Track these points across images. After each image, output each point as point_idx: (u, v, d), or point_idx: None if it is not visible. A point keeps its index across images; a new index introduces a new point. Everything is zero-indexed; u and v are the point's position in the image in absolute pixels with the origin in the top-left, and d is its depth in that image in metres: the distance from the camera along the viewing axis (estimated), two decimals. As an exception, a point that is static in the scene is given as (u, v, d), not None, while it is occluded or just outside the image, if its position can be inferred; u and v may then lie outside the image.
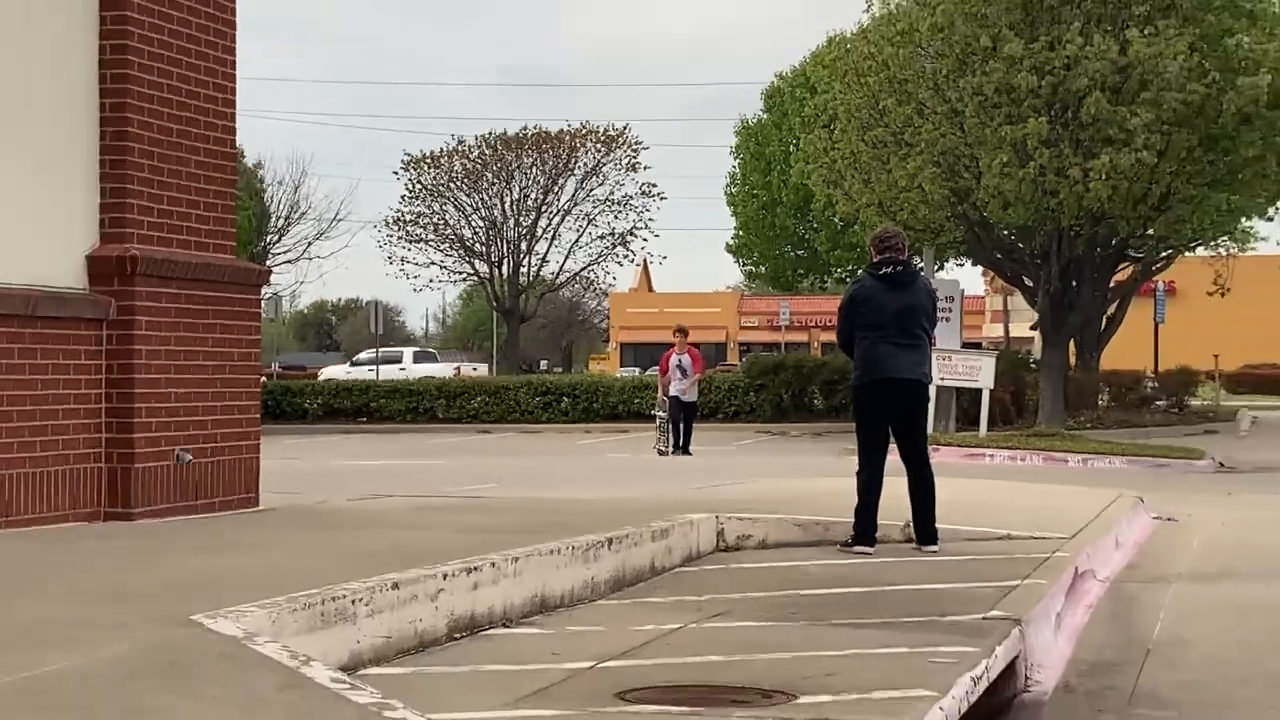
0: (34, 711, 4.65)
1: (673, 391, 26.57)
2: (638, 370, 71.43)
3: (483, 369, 68.47)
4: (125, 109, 10.89)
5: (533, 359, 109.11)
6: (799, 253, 74.87)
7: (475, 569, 8.00)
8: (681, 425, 26.63)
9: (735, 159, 76.37)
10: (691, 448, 26.78)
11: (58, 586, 7.31)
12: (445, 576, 7.71)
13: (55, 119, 10.64)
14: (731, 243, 74.66)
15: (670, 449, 26.48)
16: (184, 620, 6.13)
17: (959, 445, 27.49)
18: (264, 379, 31.27)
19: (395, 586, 7.27)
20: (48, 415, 10.35)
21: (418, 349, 74.42)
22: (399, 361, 58.88)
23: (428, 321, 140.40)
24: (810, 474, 18.90)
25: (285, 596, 6.67)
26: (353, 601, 6.90)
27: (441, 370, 58.65)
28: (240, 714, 4.83)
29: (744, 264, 76.94)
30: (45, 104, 10.59)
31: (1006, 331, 66.76)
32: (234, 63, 11.99)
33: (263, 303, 12.74)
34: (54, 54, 10.66)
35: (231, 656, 5.58)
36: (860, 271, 11.61)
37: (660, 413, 27.67)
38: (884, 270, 11.17)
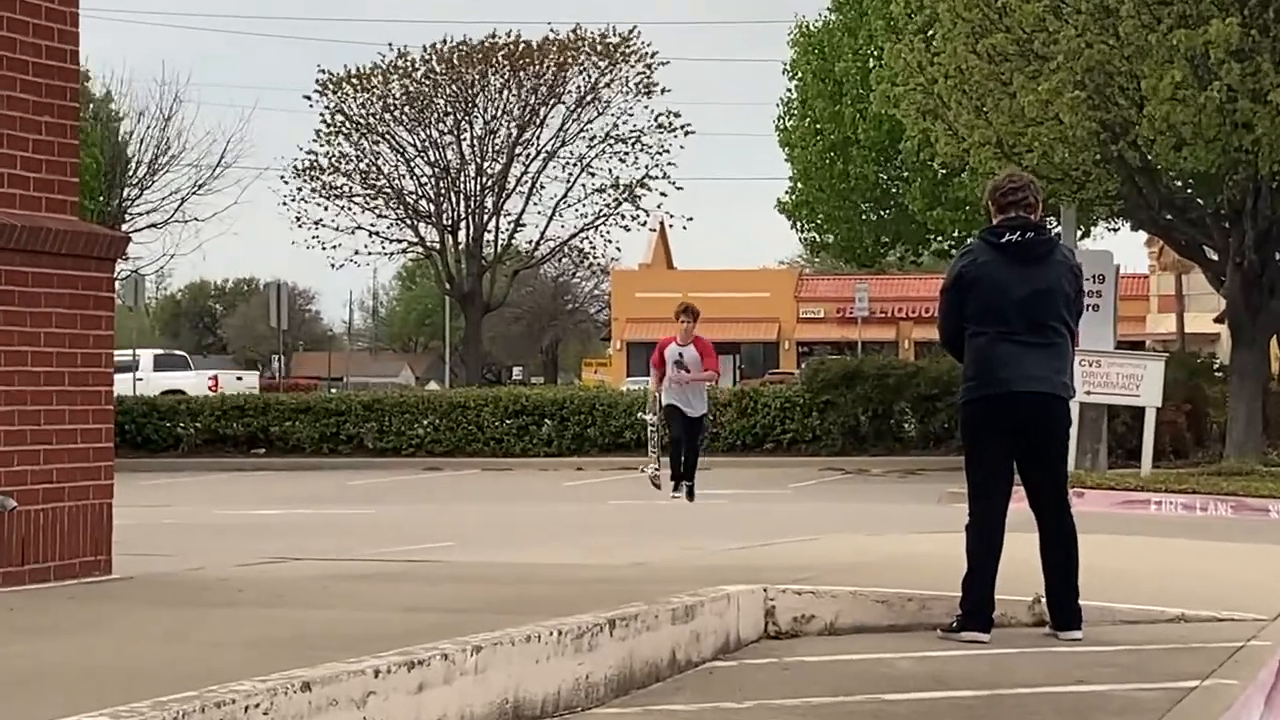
0: None
1: (669, 399, 25.18)
2: (651, 382, 71.42)
3: (250, 378, 67.62)
4: None
5: (501, 365, 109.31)
6: (882, 213, 74.61)
7: (420, 663, 8.01)
8: (684, 449, 25.35)
9: (791, 79, 76.32)
10: (699, 484, 25.72)
11: None
12: (378, 674, 7.72)
13: None
14: (786, 199, 74.24)
15: (663, 478, 25.52)
16: (4, 736, 6.14)
17: (1112, 488, 27.48)
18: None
19: (306, 688, 7.27)
20: None
21: (161, 351, 73.50)
22: (134, 370, 56.66)
23: (351, 310, 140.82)
24: (899, 529, 18.90)
25: (149, 702, 6.68)
26: (245, 709, 6.91)
27: (194, 382, 58.02)
28: None
29: (804, 229, 76.62)
30: None
31: (1180, 325, 66.87)
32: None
33: (117, 284, 12.75)
34: None
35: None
36: (972, 239, 11.48)
37: (649, 415, 26.85)
38: (1007, 237, 11.09)
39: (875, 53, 60.67)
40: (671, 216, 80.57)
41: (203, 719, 6.71)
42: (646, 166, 70.41)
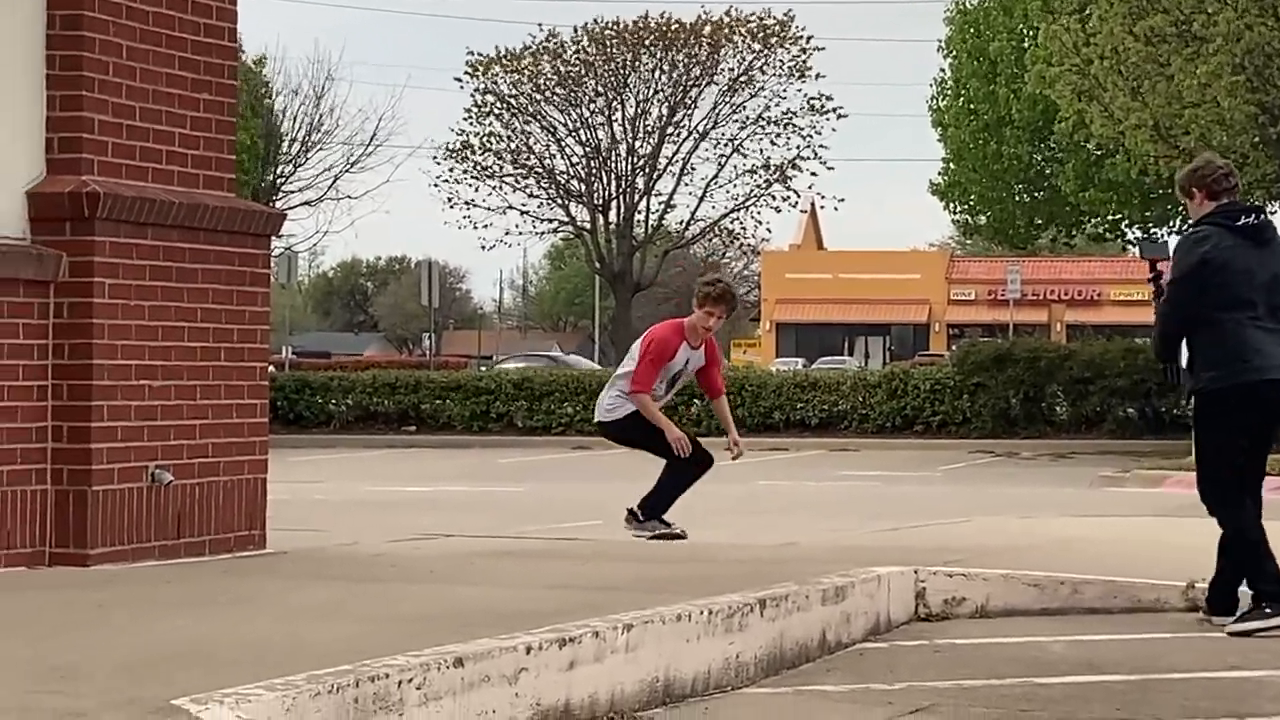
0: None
1: (625, 409, 15.96)
2: (801, 362, 71.36)
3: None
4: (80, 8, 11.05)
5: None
6: (1035, 194, 74.18)
7: (571, 640, 8.03)
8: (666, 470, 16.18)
9: (946, 59, 75.99)
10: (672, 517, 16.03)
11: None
12: (529, 650, 7.75)
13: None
14: (939, 180, 74.00)
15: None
16: (162, 705, 6.21)
17: None
18: (272, 369, 31.43)
19: (458, 663, 7.32)
20: (-30, 417, 10.54)
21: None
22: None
23: (501, 289, 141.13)
24: (1050, 512, 18.80)
25: (304, 675, 6.73)
26: (399, 684, 6.96)
27: None
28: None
29: (956, 210, 76.34)
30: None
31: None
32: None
33: (272, 261, 12.87)
34: None
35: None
36: (1202, 224, 11.14)
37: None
38: (1243, 220, 10.86)
39: (1030, 33, 60.35)
40: (823, 197, 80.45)
41: (357, 693, 6.77)
42: (798, 148, 70.32)
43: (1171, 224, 60.96)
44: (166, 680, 6.71)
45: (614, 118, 68.87)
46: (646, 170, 69.81)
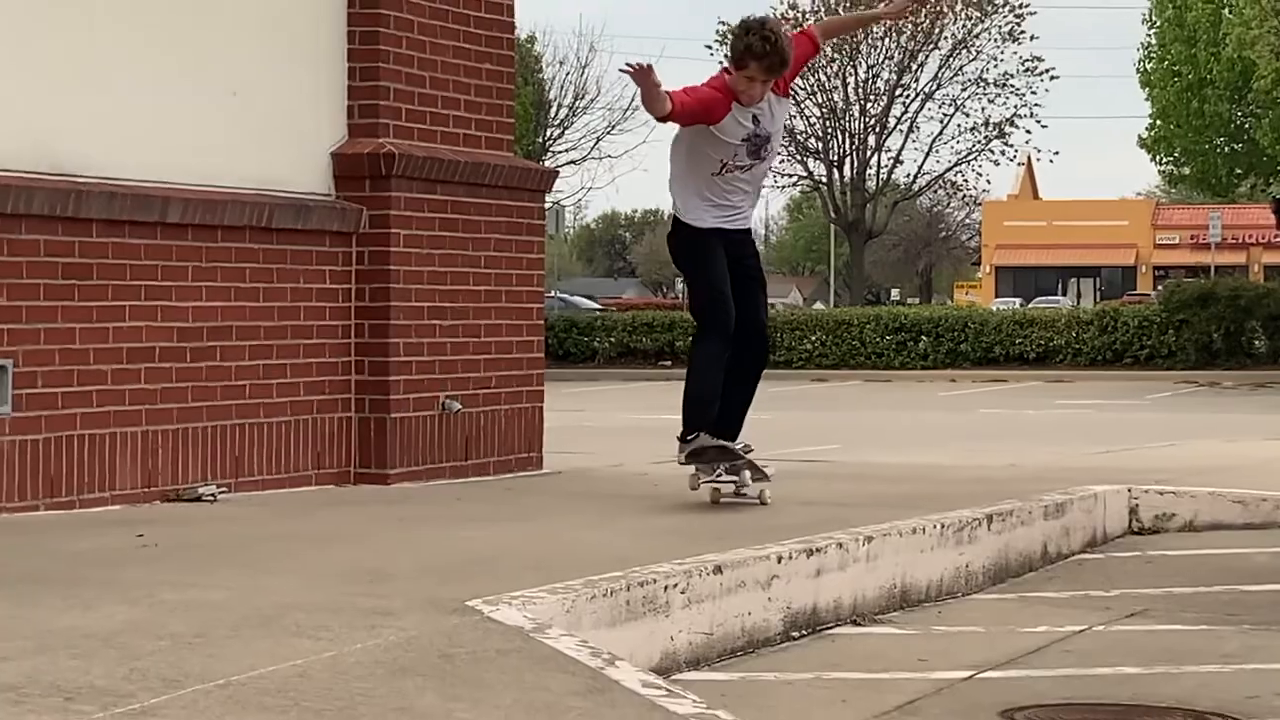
0: (281, 713, 4.85)
1: (708, 218, 9.76)
2: (1018, 302, 70.74)
3: None
4: (377, -26, 11.18)
5: (881, 287, 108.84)
6: (1235, 147, 73.15)
7: (817, 550, 8.07)
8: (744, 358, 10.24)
9: (1150, 29, 75.02)
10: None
11: (302, 564, 7.57)
12: (780, 560, 7.80)
13: (294, -18, 10.97)
14: (1145, 135, 73.23)
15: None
16: (458, 606, 6.31)
17: None
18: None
19: (718, 570, 7.38)
20: (286, 353, 10.72)
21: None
22: None
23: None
24: (1252, 436, 18.56)
25: (581, 580, 6.82)
26: (665, 588, 7.03)
27: None
28: (531, 722, 4.98)
29: (1162, 162, 75.50)
30: (281, -36, 10.92)
31: None
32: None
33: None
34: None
35: (518, 651, 5.73)
36: None
37: None
38: None
39: (1227, 3, 59.43)
40: (1038, 151, 79.72)
41: (628, 596, 6.84)
42: (1015, 107, 69.72)
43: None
44: (460, 584, 6.82)
45: (848, 82, 68.61)
46: (877, 129, 69.53)
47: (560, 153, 63.33)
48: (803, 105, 68.40)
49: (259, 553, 7.94)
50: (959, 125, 70.63)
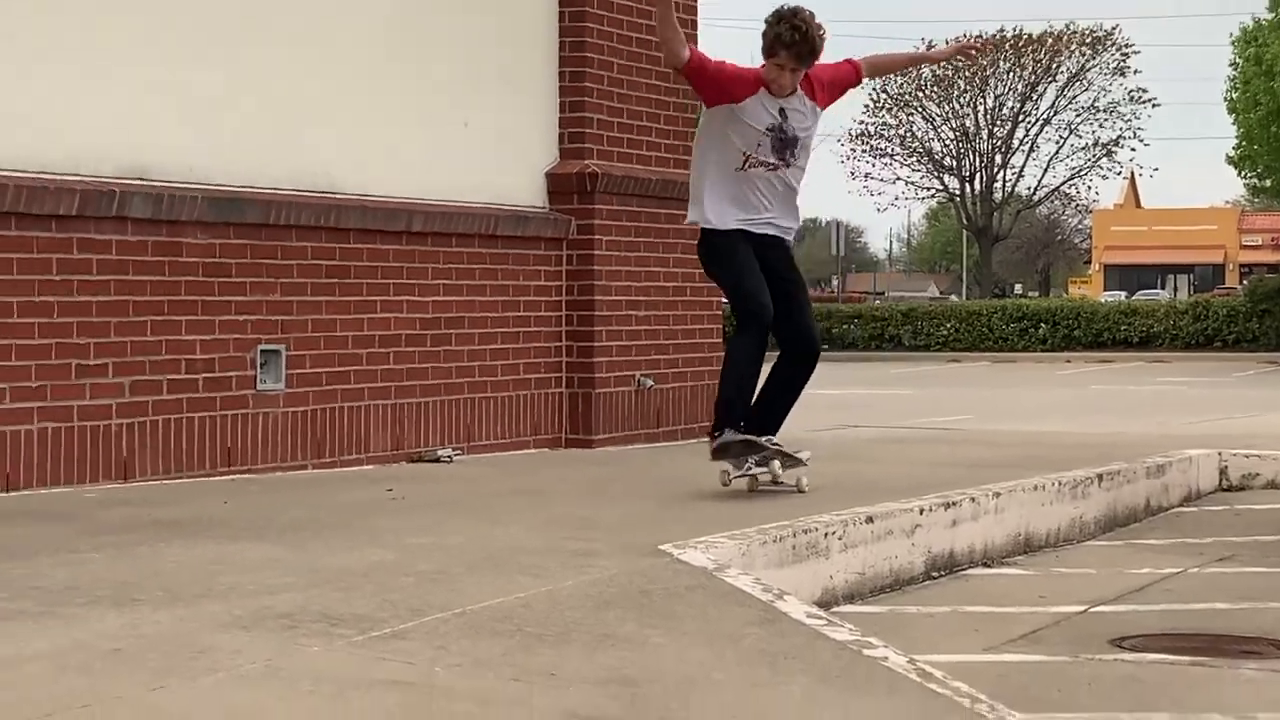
0: (508, 637, 4.90)
1: (733, 218, 8.22)
2: (1123, 294, 69.87)
3: None
4: (584, 18, 11.21)
5: (1006, 282, 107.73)
6: (1310, 164, 71.94)
7: (953, 504, 8.02)
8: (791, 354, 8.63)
9: (1233, 66, 73.88)
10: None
11: (523, 513, 7.63)
12: (922, 511, 7.76)
13: (515, 33, 11.03)
14: (1233, 153, 72.01)
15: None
16: (652, 549, 6.33)
17: None
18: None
19: (869, 520, 7.35)
20: (509, 338, 10.80)
21: None
22: None
23: (891, 243, 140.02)
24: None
25: (755, 528, 6.82)
26: (825, 535, 7.02)
27: None
28: (713, 646, 4.98)
29: (1246, 176, 74.23)
30: (506, 17, 10.98)
31: None
32: (694, -33, 12.21)
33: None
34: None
35: (702, 588, 5.74)
36: None
37: None
38: None
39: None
40: (1140, 168, 78.98)
41: (794, 541, 6.84)
42: (1121, 130, 68.90)
43: None
44: (654, 531, 6.84)
45: (978, 109, 68.13)
46: (1003, 149, 68.95)
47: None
48: (939, 129, 68.04)
49: (488, 505, 8.01)
50: (1072, 146, 70.00)
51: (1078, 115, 69.21)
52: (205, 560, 6.07)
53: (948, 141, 68.76)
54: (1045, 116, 69.01)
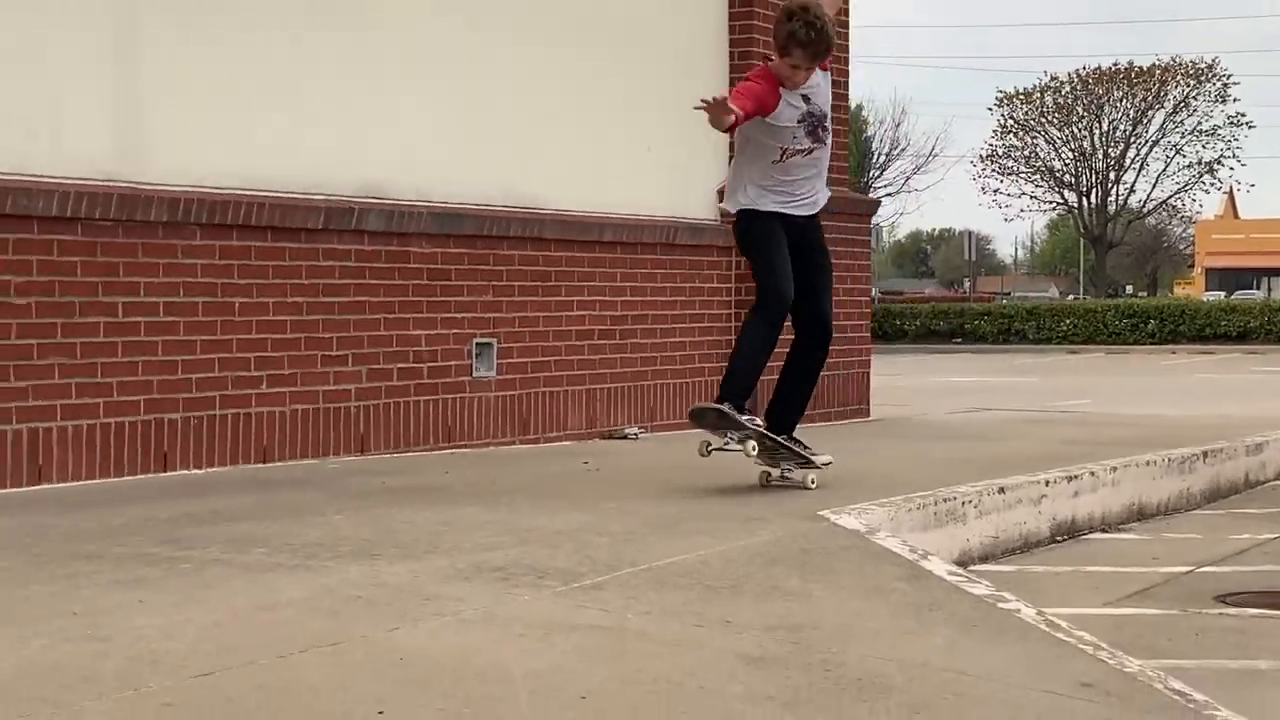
0: (689, 589, 4.91)
1: (769, 202, 7.31)
2: (1223, 294, 68.43)
3: None
4: (750, 56, 11.18)
5: (1118, 284, 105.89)
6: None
7: (1075, 477, 7.92)
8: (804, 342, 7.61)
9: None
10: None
11: (699, 483, 7.64)
12: (1047, 483, 7.67)
13: (690, 70, 11.04)
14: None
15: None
16: (811, 515, 6.31)
17: None
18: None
19: (1001, 491, 7.28)
20: (685, 333, 10.81)
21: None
22: None
23: (1016, 249, 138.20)
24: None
25: (901, 496, 6.78)
26: (963, 503, 6.96)
27: None
28: (867, 599, 4.96)
29: (1335, 189, 72.86)
30: (680, 53, 10.99)
31: None
32: (846, 17, 12.11)
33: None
34: (700, 23, 11.05)
35: (856, 548, 5.72)
36: None
37: None
38: None
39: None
40: (1239, 183, 77.42)
41: (935, 509, 6.79)
42: (1220, 150, 67.62)
43: None
44: (811, 499, 6.82)
45: (1094, 132, 67.08)
46: (1116, 167, 67.85)
47: (879, 188, 62.88)
48: (1059, 150, 67.15)
49: (668, 476, 8.02)
50: (1178, 164, 68.76)
51: (1183, 138, 68.07)
52: (431, 521, 6.16)
53: (1067, 161, 67.79)
54: (1154, 139, 67.86)
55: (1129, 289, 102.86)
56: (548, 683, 3.83)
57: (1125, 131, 67.35)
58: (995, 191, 68.48)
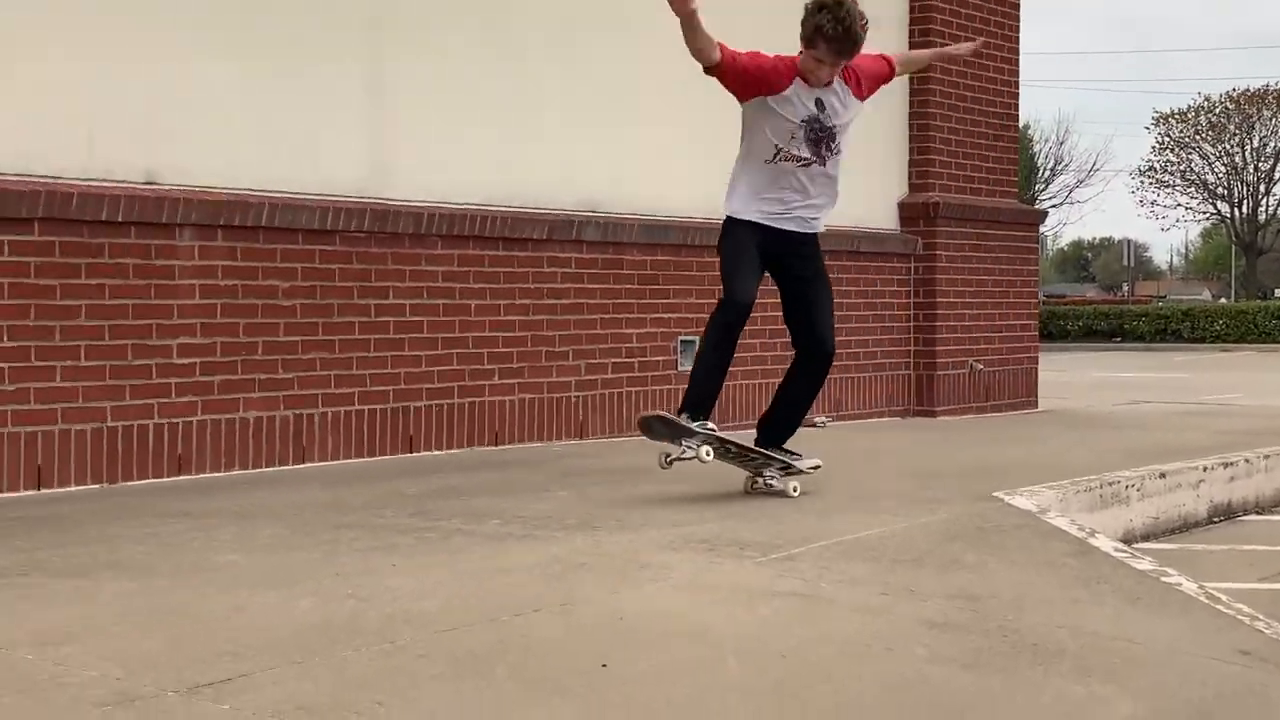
0: (875, 561, 4.88)
1: (754, 212, 6.27)
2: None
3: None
4: (928, 82, 11.06)
5: (1267, 288, 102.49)
6: None
7: (1231, 463, 7.71)
8: (801, 368, 6.59)
9: None
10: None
11: (883, 466, 7.59)
12: (1205, 469, 7.47)
13: (877, 97, 10.93)
14: None
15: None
16: (986, 496, 6.23)
17: None
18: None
19: (1162, 475, 7.11)
20: (869, 331, 10.72)
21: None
22: None
23: (1171, 256, 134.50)
24: None
25: (1069, 480, 6.66)
26: (1126, 487, 6.81)
27: None
28: (1039, 572, 4.88)
29: None
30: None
31: None
32: (1016, 45, 11.92)
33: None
34: (880, 47, 10.96)
35: (1028, 526, 5.63)
36: None
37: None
38: None
39: None
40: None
41: (1100, 491, 6.65)
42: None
43: None
44: (986, 481, 6.73)
45: (1245, 148, 65.04)
46: (1266, 180, 65.66)
47: (1044, 200, 61.79)
48: (1212, 165, 65.33)
49: (855, 461, 7.97)
50: (1324, 176, 66.37)
51: (1327, 151, 65.65)
52: (644, 498, 6.19)
53: (1220, 175, 65.79)
54: (1301, 154, 65.60)
55: (1278, 292, 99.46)
56: (749, 642, 3.83)
57: (1275, 147, 65.20)
58: (1152, 203, 67.25)
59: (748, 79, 5.96)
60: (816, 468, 6.38)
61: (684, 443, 5.85)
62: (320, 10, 7.70)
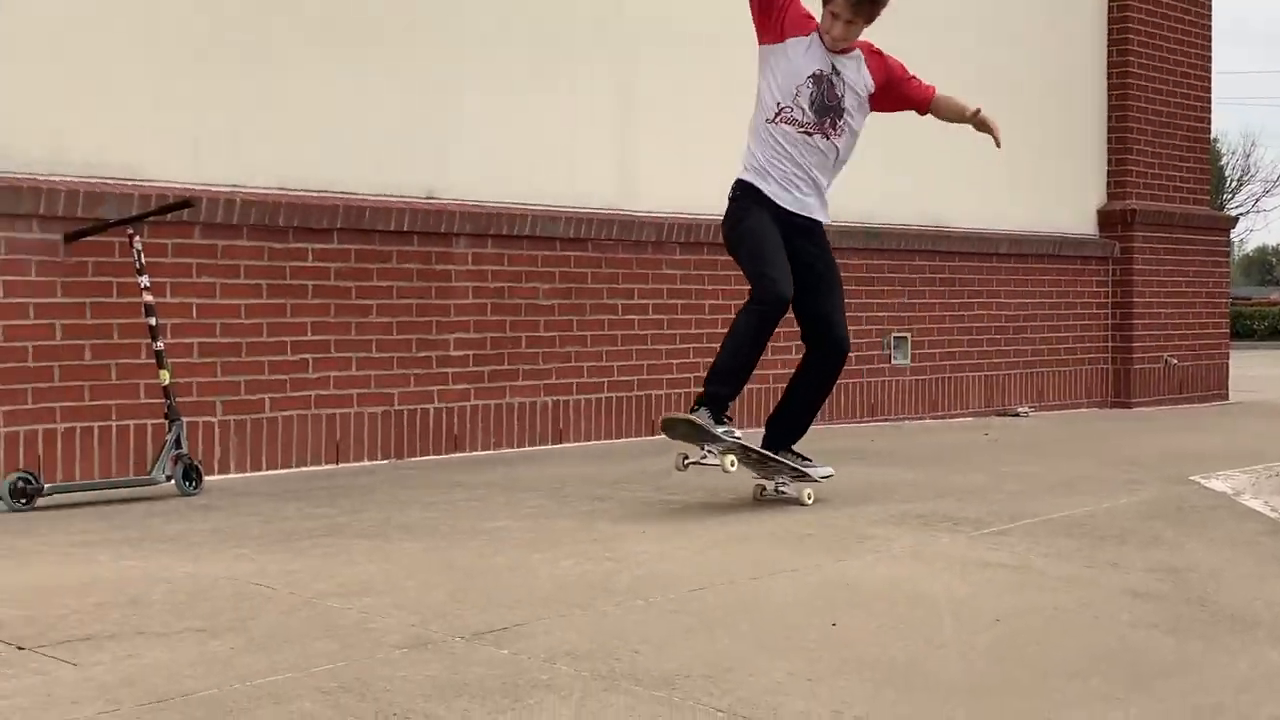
0: (1080, 537, 4.76)
1: (769, 185, 5.28)
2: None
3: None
4: (1126, 98, 10.73)
5: None
6: None
7: None
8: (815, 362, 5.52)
9: None
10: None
11: (1083, 453, 7.39)
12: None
13: (1072, 109, 10.66)
14: None
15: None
16: (1183, 479, 6.03)
17: None
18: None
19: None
20: (1068, 329, 10.45)
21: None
22: None
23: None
24: None
25: (1262, 465, 6.40)
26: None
27: None
28: (1234, 549, 4.70)
29: None
30: (1071, 100, 10.63)
31: None
32: (1208, 64, 11.48)
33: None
34: (1080, 66, 10.67)
35: (1224, 507, 5.43)
36: None
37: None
38: None
39: None
40: None
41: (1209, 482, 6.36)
42: None
43: None
44: (1183, 465, 6.51)
45: None
46: None
47: (1231, 209, 59.34)
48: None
49: (1055, 447, 7.78)
50: None
51: None
52: (863, 478, 6.16)
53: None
54: None
55: None
56: (965, 607, 3.78)
57: None
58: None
59: (777, 8, 5.18)
60: (828, 476, 5.43)
61: (707, 447, 5.06)
62: (575, 43, 7.84)
